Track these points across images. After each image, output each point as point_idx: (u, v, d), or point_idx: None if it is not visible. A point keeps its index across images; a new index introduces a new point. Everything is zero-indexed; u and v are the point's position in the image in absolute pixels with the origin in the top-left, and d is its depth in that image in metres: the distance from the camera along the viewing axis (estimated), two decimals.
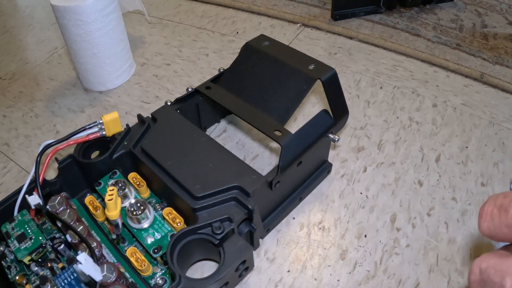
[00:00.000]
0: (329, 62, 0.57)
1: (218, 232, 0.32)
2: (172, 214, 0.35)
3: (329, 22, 0.65)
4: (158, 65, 0.60)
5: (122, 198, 0.36)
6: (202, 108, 0.45)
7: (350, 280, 0.36)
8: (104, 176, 0.38)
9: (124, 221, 0.35)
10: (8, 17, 0.75)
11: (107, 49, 0.52)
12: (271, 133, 0.35)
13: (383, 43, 0.60)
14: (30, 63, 0.63)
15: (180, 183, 0.34)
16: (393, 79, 0.55)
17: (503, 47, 0.59)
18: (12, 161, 0.49)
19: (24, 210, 0.36)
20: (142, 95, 0.55)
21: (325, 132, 0.37)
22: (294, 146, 0.35)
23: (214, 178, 0.34)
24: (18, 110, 0.55)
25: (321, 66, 0.37)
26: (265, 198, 0.36)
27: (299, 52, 0.39)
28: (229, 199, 0.34)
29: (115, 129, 0.39)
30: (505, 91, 0.52)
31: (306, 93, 0.37)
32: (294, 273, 0.36)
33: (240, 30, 0.65)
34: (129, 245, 0.36)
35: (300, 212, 0.41)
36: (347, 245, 0.38)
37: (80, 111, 0.54)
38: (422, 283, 0.35)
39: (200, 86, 0.42)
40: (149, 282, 0.33)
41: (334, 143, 0.38)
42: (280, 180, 0.35)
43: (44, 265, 0.34)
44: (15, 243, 0.34)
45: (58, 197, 0.35)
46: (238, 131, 0.49)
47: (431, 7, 0.67)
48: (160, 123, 0.40)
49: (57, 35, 0.69)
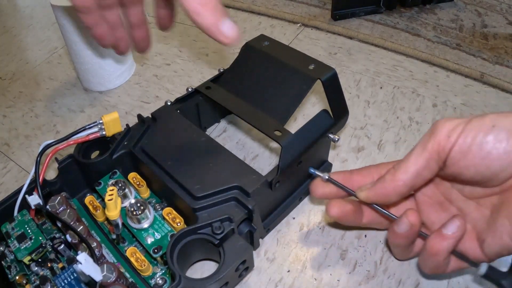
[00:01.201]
0: (329, 62, 0.57)
1: (218, 232, 0.32)
2: (172, 214, 0.35)
3: (329, 22, 0.65)
4: (158, 65, 0.60)
5: (122, 198, 0.36)
6: (202, 108, 0.45)
7: (350, 280, 0.36)
8: (104, 176, 0.38)
9: (124, 221, 0.35)
10: (8, 17, 0.75)
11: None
12: (271, 133, 0.35)
13: (383, 43, 0.60)
14: (30, 63, 0.63)
15: (180, 183, 0.34)
16: (393, 79, 0.55)
17: (503, 47, 0.59)
18: (12, 161, 0.49)
19: (24, 210, 0.36)
20: (142, 95, 0.55)
21: (325, 132, 0.37)
22: (294, 146, 0.35)
23: (214, 178, 0.34)
24: (18, 110, 0.55)
25: (321, 66, 0.37)
26: (265, 198, 0.36)
27: (299, 52, 0.39)
28: (229, 199, 0.34)
29: (115, 129, 0.39)
30: (505, 91, 0.52)
31: (306, 93, 0.37)
32: (294, 273, 0.36)
33: (240, 30, 0.65)
34: (129, 245, 0.36)
35: (300, 212, 0.41)
36: (347, 245, 0.38)
37: (80, 111, 0.54)
38: (422, 283, 0.35)
39: (200, 86, 0.42)
40: (149, 282, 0.33)
41: (334, 143, 0.38)
42: (280, 180, 0.35)
43: (44, 265, 0.34)
44: (15, 243, 0.34)
45: (58, 197, 0.35)
46: (238, 131, 0.49)
47: (431, 7, 0.67)
48: (160, 123, 0.40)
49: (57, 35, 0.69)
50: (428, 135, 0.29)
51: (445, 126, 0.28)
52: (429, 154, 0.28)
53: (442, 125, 0.28)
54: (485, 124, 0.27)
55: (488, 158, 0.26)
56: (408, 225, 0.30)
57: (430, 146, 0.28)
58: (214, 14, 0.30)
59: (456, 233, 0.29)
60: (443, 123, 0.28)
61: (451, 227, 0.29)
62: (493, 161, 0.26)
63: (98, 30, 0.39)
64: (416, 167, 0.29)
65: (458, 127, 0.27)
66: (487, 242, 0.29)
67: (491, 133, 0.26)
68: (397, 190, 0.30)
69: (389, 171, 0.31)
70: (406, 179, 0.29)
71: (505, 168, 0.26)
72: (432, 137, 0.28)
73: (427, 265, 0.31)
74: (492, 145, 0.26)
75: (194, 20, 0.30)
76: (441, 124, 0.28)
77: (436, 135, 0.28)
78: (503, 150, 0.26)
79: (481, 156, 0.27)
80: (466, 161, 0.27)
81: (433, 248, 0.30)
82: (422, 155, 0.29)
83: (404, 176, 0.29)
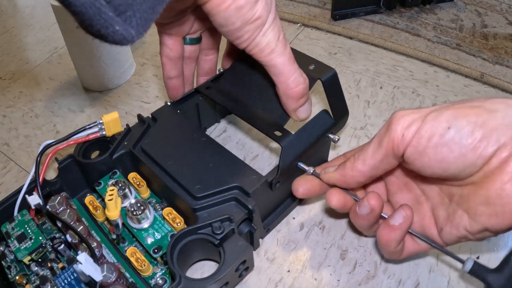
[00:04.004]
0: (329, 62, 0.57)
1: (218, 232, 0.32)
2: (172, 214, 0.35)
3: (329, 22, 0.65)
4: (158, 65, 0.60)
5: (122, 198, 0.36)
6: (202, 108, 0.45)
7: (350, 280, 0.36)
8: (104, 176, 0.38)
9: (124, 221, 0.35)
10: (8, 17, 0.75)
11: (107, 49, 0.52)
12: (271, 133, 0.35)
13: (383, 43, 0.60)
14: (30, 63, 0.63)
15: (180, 183, 0.34)
16: (393, 79, 0.55)
17: (503, 47, 0.59)
18: (12, 161, 0.49)
19: (24, 210, 0.36)
20: (142, 95, 0.55)
21: (325, 132, 0.37)
22: (294, 146, 0.35)
23: (214, 178, 0.34)
24: (18, 110, 0.55)
25: (321, 66, 0.37)
26: (265, 198, 0.36)
27: (299, 52, 0.39)
28: (229, 199, 0.34)
29: (115, 129, 0.39)
30: (505, 91, 0.52)
31: None
32: (294, 273, 0.36)
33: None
34: (129, 245, 0.36)
35: (300, 212, 0.41)
36: (347, 245, 0.38)
37: (80, 111, 0.54)
38: (422, 283, 0.35)
39: (200, 86, 0.42)
40: (149, 282, 0.33)
41: (334, 143, 0.38)
42: (280, 180, 0.35)
43: (44, 265, 0.34)
44: (15, 243, 0.34)
45: (58, 197, 0.35)
46: (238, 131, 0.49)
47: (431, 7, 0.67)
48: (160, 123, 0.40)
49: (57, 35, 0.68)
50: (385, 129, 0.28)
51: (399, 123, 0.27)
52: (385, 151, 0.28)
53: (397, 121, 0.27)
54: (441, 125, 0.25)
55: (444, 161, 0.26)
56: (369, 209, 0.31)
57: (385, 143, 0.28)
58: (297, 103, 0.34)
59: (402, 224, 0.30)
60: (398, 119, 0.27)
61: (397, 218, 0.30)
62: (449, 164, 0.26)
63: (175, 82, 0.40)
64: (373, 161, 0.29)
65: (413, 125, 0.26)
66: (445, 230, 0.29)
67: (446, 135, 0.25)
68: (355, 179, 0.31)
69: (349, 159, 0.31)
70: (364, 170, 0.30)
71: (462, 169, 0.26)
72: (387, 133, 0.28)
73: (383, 252, 0.33)
74: (447, 149, 0.25)
75: (280, 96, 0.34)
76: (396, 119, 0.27)
77: (391, 132, 0.27)
78: (458, 153, 0.25)
79: (436, 160, 0.26)
80: (422, 162, 0.27)
81: (383, 239, 0.30)
82: (379, 150, 0.28)
83: (362, 168, 0.30)
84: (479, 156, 0.25)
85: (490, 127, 0.25)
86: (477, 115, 0.25)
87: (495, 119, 0.25)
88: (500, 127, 0.24)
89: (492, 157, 0.25)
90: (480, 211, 0.26)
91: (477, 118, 0.25)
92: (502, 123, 0.24)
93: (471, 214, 0.27)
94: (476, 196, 0.26)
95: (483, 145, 0.25)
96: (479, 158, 0.25)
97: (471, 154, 0.25)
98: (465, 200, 0.27)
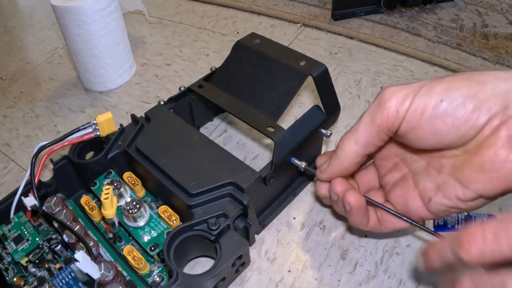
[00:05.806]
0: (330, 62, 0.57)
1: (214, 228, 0.32)
2: (167, 212, 0.35)
3: (330, 22, 0.65)
4: (159, 65, 0.60)
5: (118, 198, 0.36)
6: (195, 106, 0.45)
7: (350, 280, 0.35)
8: (99, 176, 0.38)
9: (120, 220, 0.35)
10: (9, 17, 0.75)
11: (108, 49, 0.52)
12: (264, 129, 0.36)
13: (384, 43, 0.60)
14: (30, 63, 0.64)
15: (175, 181, 0.34)
16: (393, 79, 0.54)
17: (504, 46, 0.58)
18: (13, 161, 0.49)
19: (21, 211, 0.36)
20: (142, 95, 0.55)
21: (318, 127, 0.37)
22: (287, 142, 0.35)
23: (209, 175, 0.34)
24: (18, 110, 0.55)
25: (312, 63, 0.37)
26: (259, 193, 0.36)
27: (290, 49, 0.40)
28: (224, 195, 0.34)
29: (109, 129, 0.38)
30: None
31: (298, 89, 0.37)
32: (294, 273, 0.36)
33: (241, 30, 0.65)
34: (126, 244, 0.36)
35: (300, 212, 0.41)
36: (348, 245, 0.38)
37: (81, 111, 0.54)
38: (422, 283, 0.35)
39: (192, 85, 0.42)
40: (146, 280, 0.33)
41: (326, 138, 0.38)
42: (274, 175, 0.35)
43: (41, 266, 0.34)
44: (12, 244, 0.34)
45: (54, 198, 0.35)
46: (239, 132, 0.49)
47: (432, 7, 0.67)
48: (153, 122, 0.40)
49: (58, 35, 0.69)
50: (376, 106, 0.28)
51: (393, 98, 0.27)
52: (378, 127, 0.28)
53: (390, 97, 0.27)
54: (434, 99, 0.26)
55: (438, 133, 0.26)
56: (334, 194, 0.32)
57: (379, 119, 0.28)
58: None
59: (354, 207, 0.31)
60: (391, 94, 0.27)
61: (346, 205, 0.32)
62: (443, 136, 0.26)
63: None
64: (366, 139, 0.29)
65: (407, 99, 0.27)
66: (435, 200, 0.29)
67: (439, 108, 0.26)
68: (352, 161, 0.31)
69: (338, 147, 0.31)
70: (357, 150, 0.30)
71: (456, 140, 0.26)
72: (380, 110, 0.28)
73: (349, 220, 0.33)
74: (441, 122, 0.26)
75: None
76: (388, 95, 0.27)
77: (385, 108, 0.27)
78: (451, 124, 0.26)
79: (431, 132, 0.26)
80: (417, 135, 0.27)
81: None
82: (372, 127, 0.28)
83: (355, 148, 0.30)
84: (471, 126, 0.25)
85: (481, 98, 0.25)
86: (468, 87, 0.25)
87: (485, 91, 0.25)
88: (490, 98, 0.25)
89: (484, 127, 0.25)
90: (474, 179, 0.26)
91: (468, 90, 0.25)
92: (492, 93, 0.25)
93: (464, 182, 0.27)
94: (470, 164, 0.26)
95: (475, 115, 0.25)
96: (472, 128, 0.25)
97: (464, 125, 0.25)
98: (457, 170, 0.28)
